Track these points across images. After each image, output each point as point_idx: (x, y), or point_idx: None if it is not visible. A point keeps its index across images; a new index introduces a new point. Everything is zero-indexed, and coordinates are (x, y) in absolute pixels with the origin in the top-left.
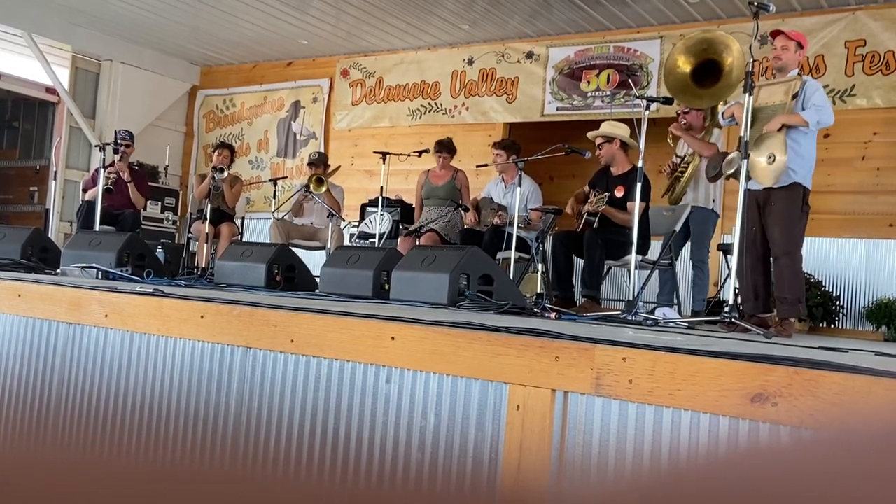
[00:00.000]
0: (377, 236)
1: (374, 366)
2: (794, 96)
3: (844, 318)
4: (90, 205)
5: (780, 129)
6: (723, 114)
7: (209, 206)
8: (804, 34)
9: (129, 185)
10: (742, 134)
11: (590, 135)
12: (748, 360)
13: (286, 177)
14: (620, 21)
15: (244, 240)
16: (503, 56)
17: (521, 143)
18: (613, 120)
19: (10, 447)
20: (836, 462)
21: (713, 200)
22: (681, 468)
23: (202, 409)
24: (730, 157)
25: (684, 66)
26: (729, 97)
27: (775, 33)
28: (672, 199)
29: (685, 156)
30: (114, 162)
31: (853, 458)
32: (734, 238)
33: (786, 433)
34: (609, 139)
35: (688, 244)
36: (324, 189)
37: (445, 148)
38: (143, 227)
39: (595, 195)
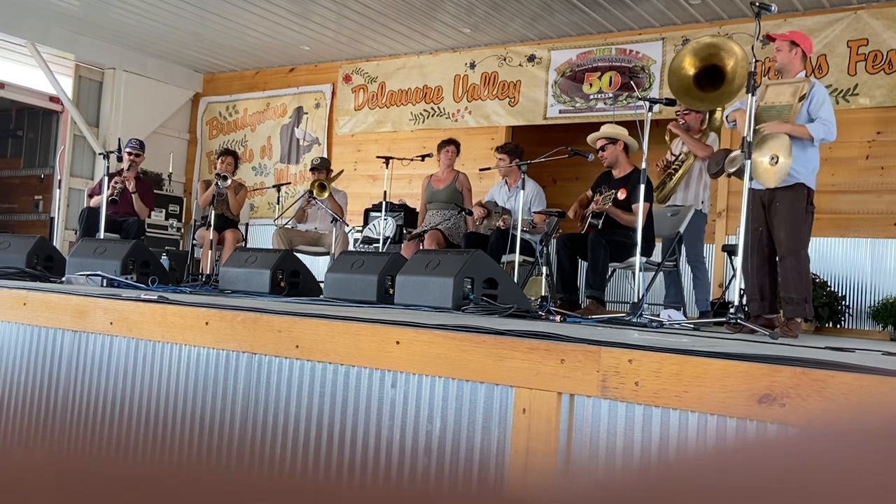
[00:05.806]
0: (381, 241)
1: (379, 370)
2: (802, 98)
3: (850, 317)
4: (92, 211)
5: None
6: (727, 117)
7: (213, 212)
8: (807, 33)
9: (133, 195)
10: (745, 134)
11: (590, 138)
12: (755, 361)
13: (290, 183)
14: (622, 23)
15: (248, 246)
16: (505, 59)
17: (523, 146)
18: (615, 122)
19: (16, 455)
20: (831, 455)
21: (702, 202)
22: (672, 464)
23: (208, 416)
24: (732, 154)
25: (689, 68)
26: (729, 103)
27: (769, 38)
28: (660, 198)
29: (680, 154)
30: (121, 171)
31: (848, 451)
32: (739, 239)
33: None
34: (613, 140)
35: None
36: (326, 195)
37: (451, 142)
38: (147, 234)
39: (601, 194)
